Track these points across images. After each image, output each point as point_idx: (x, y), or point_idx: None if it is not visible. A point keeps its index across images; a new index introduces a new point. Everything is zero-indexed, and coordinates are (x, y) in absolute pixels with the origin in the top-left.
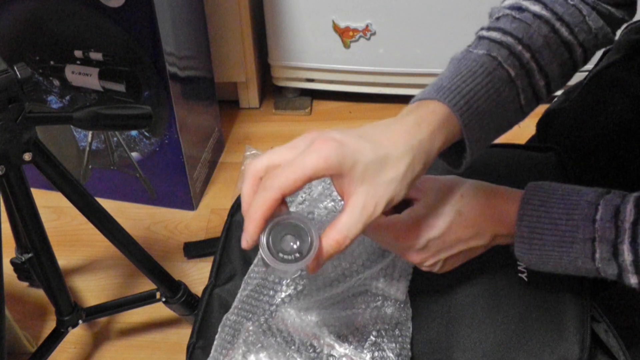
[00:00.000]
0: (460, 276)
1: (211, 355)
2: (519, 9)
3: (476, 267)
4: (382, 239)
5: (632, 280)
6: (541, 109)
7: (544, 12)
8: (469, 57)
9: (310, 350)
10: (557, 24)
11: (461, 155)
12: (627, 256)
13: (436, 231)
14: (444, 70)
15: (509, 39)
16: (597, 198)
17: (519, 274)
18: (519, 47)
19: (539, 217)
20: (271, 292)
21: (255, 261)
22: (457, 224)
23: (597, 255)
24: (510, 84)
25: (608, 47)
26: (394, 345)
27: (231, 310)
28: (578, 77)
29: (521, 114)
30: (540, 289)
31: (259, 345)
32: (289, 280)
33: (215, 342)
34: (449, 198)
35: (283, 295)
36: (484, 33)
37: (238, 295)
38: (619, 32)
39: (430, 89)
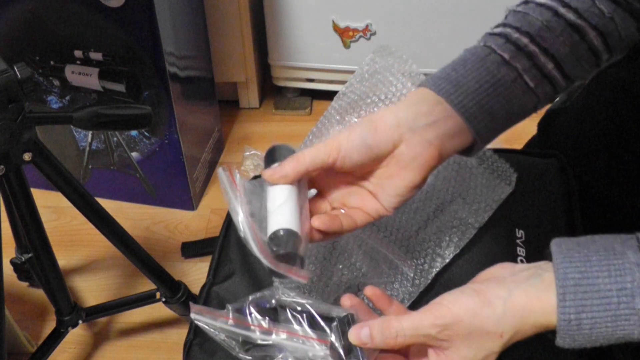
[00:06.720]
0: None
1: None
2: (525, 2)
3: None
4: None
5: None
6: (543, 109)
7: (547, 1)
8: (464, 52)
9: None
10: (561, 9)
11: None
12: None
13: None
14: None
15: (506, 30)
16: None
17: None
18: (516, 35)
19: (585, 291)
20: None
21: None
22: None
23: None
24: (505, 65)
25: None
26: None
27: None
28: None
29: (534, 96)
30: None
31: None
32: None
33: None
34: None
35: None
36: (488, 31)
37: None
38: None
39: (424, 79)
